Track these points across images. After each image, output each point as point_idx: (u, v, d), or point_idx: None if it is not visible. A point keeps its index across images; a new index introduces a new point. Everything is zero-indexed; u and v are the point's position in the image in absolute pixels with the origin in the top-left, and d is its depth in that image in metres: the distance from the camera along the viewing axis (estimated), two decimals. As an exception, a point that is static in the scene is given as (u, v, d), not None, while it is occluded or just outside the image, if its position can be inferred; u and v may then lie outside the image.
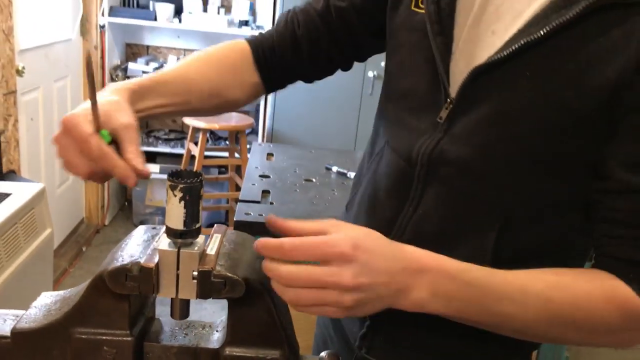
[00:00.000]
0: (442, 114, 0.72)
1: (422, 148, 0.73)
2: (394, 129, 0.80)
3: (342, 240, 0.58)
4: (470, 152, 0.70)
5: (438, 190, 0.73)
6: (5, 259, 1.58)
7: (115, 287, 0.57)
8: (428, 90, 0.74)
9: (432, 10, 0.72)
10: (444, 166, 0.72)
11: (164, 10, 3.50)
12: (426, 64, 0.74)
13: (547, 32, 0.63)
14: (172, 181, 0.55)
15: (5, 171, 2.32)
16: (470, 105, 0.70)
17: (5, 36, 2.29)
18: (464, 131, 0.70)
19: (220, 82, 0.87)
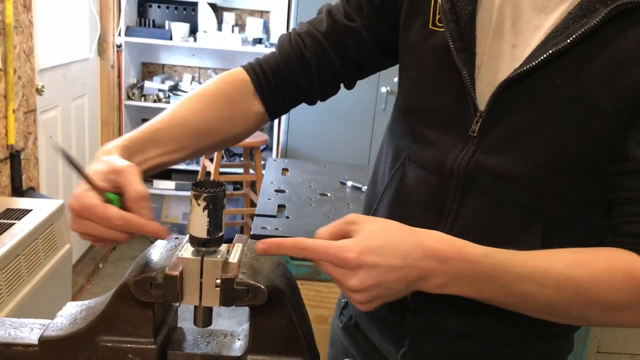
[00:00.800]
0: (474, 128, 0.74)
1: (457, 161, 0.75)
2: (416, 145, 0.81)
3: (351, 247, 0.60)
4: (507, 160, 0.72)
5: (478, 201, 0.75)
6: (26, 274, 1.60)
7: (140, 295, 0.58)
8: (453, 106, 0.76)
9: (452, 28, 0.74)
10: (482, 176, 0.73)
11: (179, 29, 3.55)
12: (449, 80, 0.75)
13: (573, 41, 0.66)
14: (196, 190, 0.56)
15: (25, 188, 2.36)
16: (501, 117, 0.72)
17: (26, 56, 2.34)
18: (498, 142, 0.72)
19: (218, 119, 0.85)
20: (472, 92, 0.73)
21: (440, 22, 0.75)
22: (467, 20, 0.73)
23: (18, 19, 2.24)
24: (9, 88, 2.20)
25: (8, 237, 1.56)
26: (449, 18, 0.74)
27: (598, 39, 0.66)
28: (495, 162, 0.72)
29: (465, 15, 0.73)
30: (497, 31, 0.73)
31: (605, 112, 0.67)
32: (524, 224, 0.73)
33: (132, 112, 3.81)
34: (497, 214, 0.74)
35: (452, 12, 0.74)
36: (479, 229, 0.74)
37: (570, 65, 0.67)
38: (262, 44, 3.66)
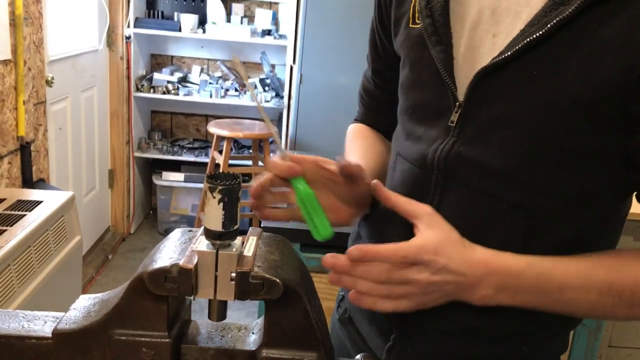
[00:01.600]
0: (452, 118, 0.73)
1: (437, 152, 0.75)
2: (405, 142, 0.82)
3: (425, 249, 0.66)
4: (487, 152, 0.71)
5: (457, 193, 0.74)
6: (37, 265, 1.60)
7: (154, 288, 0.57)
8: (435, 99, 0.76)
9: (428, 23, 0.75)
10: (462, 167, 0.73)
11: (188, 20, 3.54)
12: (430, 74, 0.76)
13: (549, 29, 0.64)
14: (211, 183, 0.56)
15: (35, 180, 2.36)
16: (480, 107, 0.71)
17: (36, 48, 2.34)
18: (477, 132, 0.72)
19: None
20: (450, 83, 0.73)
21: (418, 19, 0.77)
22: (440, 12, 0.74)
23: (28, 11, 2.24)
24: (19, 79, 2.20)
25: (19, 229, 1.56)
26: (425, 14, 0.75)
27: (576, 28, 0.64)
28: (475, 154, 0.72)
29: (438, 8, 0.74)
30: (476, 21, 0.73)
31: (583, 104, 0.65)
32: (504, 218, 0.72)
33: (141, 104, 3.81)
34: (477, 206, 0.73)
35: (427, 7, 0.75)
36: (460, 221, 0.73)
37: (547, 55, 0.66)
38: (271, 35, 3.65)
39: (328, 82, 3.33)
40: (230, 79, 3.85)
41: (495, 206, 0.72)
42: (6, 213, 1.67)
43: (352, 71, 3.33)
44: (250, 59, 3.94)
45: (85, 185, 3.23)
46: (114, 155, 3.59)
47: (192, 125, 4.10)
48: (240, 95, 3.72)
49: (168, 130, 4.10)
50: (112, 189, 3.65)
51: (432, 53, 0.74)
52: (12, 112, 2.20)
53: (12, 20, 2.14)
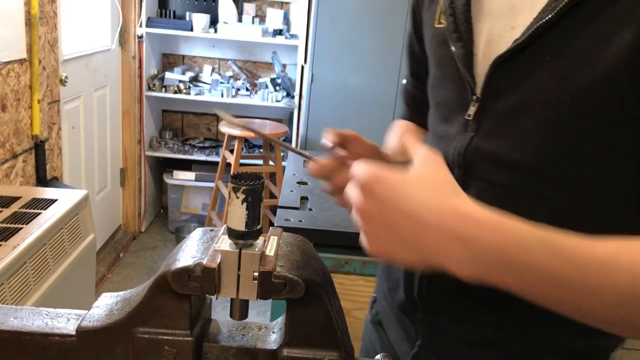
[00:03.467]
0: (470, 111, 0.73)
1: (456, 149, 0.75)
2: (431, 142, 0.82)
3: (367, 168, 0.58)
4: (505, 144, 0.70)
5: (478, 190, 0.73)
6: (52, 263, 1.62)
7: (178, 287, 0.58)
8: (455, 96, 0.77)
9: (450, 21, 0.76)
10: (480, 162, 0.72)
11: (199, 20, 3.55)
12: (452, 71, 0.76)
13: (558, 12, 0.64)
14: (235, 183, 0.56)
15: (49, 178, 2.38)
16: (496, 98, 0.71)
17: (50, 47, 2.36)
18: (495, 124, 0.71)
19: None
20: (467, 77, 0.73)
21: (442, 19, 0.78)
22: (462, 10, 0.75)
23: (43, 10, 2.25)
24: (34, 78, 2.21)
25: (35, 227, 1.58)
26: (448, 13, 0.76)
27: (585, 10, 0.63)
28: (493, 147, 0.71)
29: (460, 6, 0.75)
30: (496, 16, 0.73)
31: (597, 88, 0.63)
32: (528, 213, 0.62)
33: (153, 103, 3.82)
34: (499, 202, 0.66)
35: (450, 7, 0.76)
36: None
37: (557, 40, 0.65)
38: (283, 35, 3.66)
39: (339, 82, 3.33)
40: (242, 79, 3.86)
41: (515, 200, 0.69)
42: (22, 211, 1.68)
43: (363, 71, 3.33)
44: (262, 59, 3.95)
45: (97, 183, 3.25)
46: (126, 154, 3.61)
47: (203, 124, 4.11)
48: (251, 95, 3.73)
49: (179, 129, 4.11)
50: (123, 187, 3.66)
51: (453, 50, 0.75)
52: (27, 111, 2.22)
53: (27, 20, 2.15)
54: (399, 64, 3.30)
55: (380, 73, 3.31)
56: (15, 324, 0.63)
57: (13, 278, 1.41)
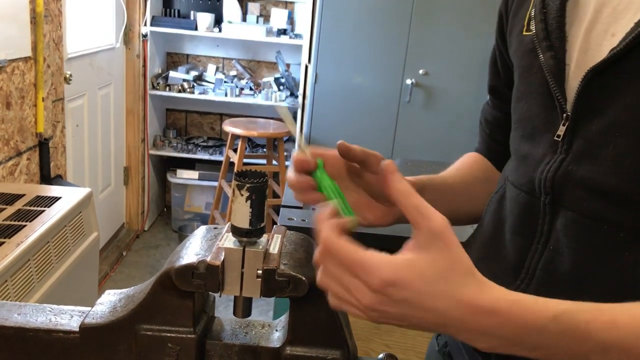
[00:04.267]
0: (560, 131, 0.65)
1: (544, 173, 0.66)
2: (512, 162, 0.75)
3: (379, 272, 0.51)
4: (598, 169, 0.61)
5: (566, 221, 0.65)
6: (56, 261, 1.62)
7: (181, 284, 0.58)
8: (542, 112, 0.68)
9: (540, 28, 0.68)
10: (571, 189, 0.64)
11: (204, 19, 3.56)
12: (539, 84, 0.68)
13: None
14: (239, 181, 0.56)
15: (53, 176, 2.38)
16: (590, 116, 0.62)
17: (55, 45, 2.36)
18: (588, 146, 0.63)
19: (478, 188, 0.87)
20: (557, 92, 0.65)
21: (531, 25, 0.70)
22: (554, 15, 0.67)
23: (48, 8, 2.26)
24: (38, 77, 2.22)
25: (39, 224, 1.58)
26: (539, 19, 0.68)
27: None
28: (585, 172, 0.62)
29: (553, 11, 0.67)
30: (592, 21, 0.64)
31: None
32: (622, 248, 0.60)
33: (157, 102, 3.83)
34: (589, 235, 0.63)
35: (542, 12, 0.68)
36: (571, 254, 0.64)
37: None
38: (287, 34, 3.66)
39: (343, 82, 3.33)
40: (245, 78, 3.86)
41: (609, 234, 0.61)
42: (26, 209, 1.68)
43: (367, 71, 3.33)
44: (266, 58, 3.95)
45: (101, 182, 3.25)
46: (129, 153, 3.62)
47: (206, 123, 4.12)
48: (255, 94, 3.73)
49: (183, 128, 4.12)
50: (127, 186, 3.67)
51: (542, 60, 0.67)
52: (31, 109, 2.22)
53: (32, 18, 2.16)
54: (402, 63, 3.30)
55: (384, 73, 3.31)
56: (19, 320, 0.63)
57: (17, 275, 1.42)
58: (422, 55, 3.29)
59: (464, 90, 3.33)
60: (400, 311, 0.52)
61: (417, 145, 3.39)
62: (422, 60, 3.30)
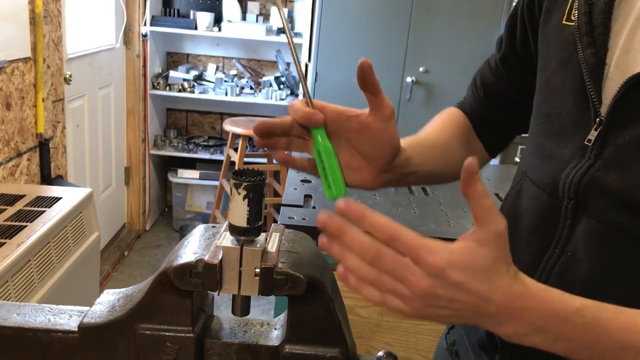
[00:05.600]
0: (591, 136, 0.63)
1: (569, 177, 0.64)
2: (534, 158, 0.73)
3: (440, 252, 0.52)
4: (626, 180, 0.59)
5: (588, 227, 0.63)
6: (56, 261, 1.62)
7: (179, 283, 0.58)
8: (574, 111, 0.66)
9: (583, 20, 0.64)
10: (596, 197, 0.62)
11: (204, 19, 3.56)
12: (574, 81, 0.65)
13: None
14: (237, 179, 0.56)
15: (54, 176, 2.39)
16: (625, 124, 0.60)
17: (54, 45, 2.36)
18: (619, 155, 0.60)
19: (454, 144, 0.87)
20: (592, 93, 0.62)
21: (574, 15, 0.65)
22: (602, 9, 0.63)
23: (47, 9, 2.26)
24: (38, 77, 2.22)
25: (39, 225, 1.58)
26: (583, 10, 0.64)
27: None
28: (612, 181, 0.61)
29: (601, 4, 0.63)
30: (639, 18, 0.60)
31: None
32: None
33: (157, 102, 3.83)
34: (609, 244, 0.62)
35: (587, 3, 0.64)
36: (589, 262, 0.63)
37: None
38: (287, 33, 3.65)
39: (343, 80, 3.33)
40: (245, 77, 3.86)
41: (631, 246, 0.60)
42: (26, 209, 1.69)
43: (368, 69, 3.32)
44: (266, 57, 3.95)
45: (102, 182, 3.26)
46: (130, 153, 3.62)
47: (207, 123, 4.12)
48: (255, 93, 3.73)
49: (183, 127, 4.12)
50: (128, 186, 3.67)
51: (581, 56, 0.63)
52: (31, 110, 2.22)
53: (32, 19, 2.16)
54: (402, 62, 3.29)
55: (384, 71, 3.31)
56: (18, 320, 0.63)
57: (17, 276, 1.42)
58: (422, 53, 3.29)
59: (464, 88, 3.30)
60: (450, 295, 0.53)
61: (418, 143, 3.38)
62: (422, 58, 3.30)
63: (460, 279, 0.52)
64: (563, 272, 0.66)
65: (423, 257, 0.52)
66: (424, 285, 0.52)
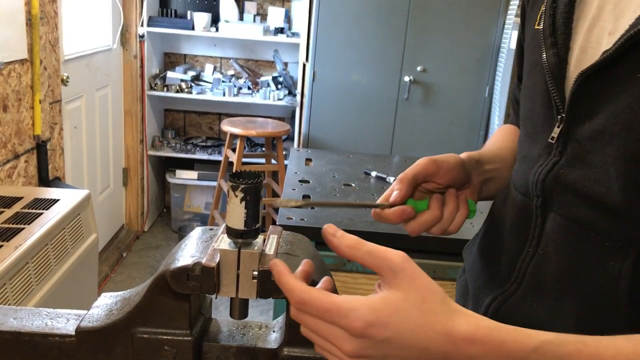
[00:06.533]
0: (554, 133, 0.64)
1: (536, 175, 0.66)
2: (517, 162, 0.75)
3: (357, 313, 0.49)
4: (589, 174, 0.60)
5: (556, 224, 0.64)
6: (54, 263, 1.61)
7: (177, 286, 0.57)
8: (542, 111, 0.67)
9: (548, 24, 0.66)
10: (561, 194, 0.63)
11: (201, 19, 3.55)
12: (542, 82, 0.67)
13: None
14: (234, 182, 0.56)
15: (51, 178, 2.38)
16: (583, 121, 0.61)
17: (51, 47, 2.36)
18: (580, 150, 0.61)
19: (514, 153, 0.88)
20: (553, 91, 0.64)
21: (542, 19, 0.68)
22: (562, 10, 0.65)
23: (44, 10, 2.25)
24: (35, 79, 2.21)
25: (37, 227, 1.57)
26: (549, 13, 0.66)
27: None
28: (576, 176, 0.61)
29: (563, 5, 0.65)
30: (596, 17, 0.61)
31: None
32: (606, 256, 0.59)
33: (155, 102, 3.82)
34: (576, 241, 0.62)
35: (552, 7, 0.66)
36: (560, 260, 0.63)
37: None
38: (284, 33, 3.65)
39: (341, 80, 3.33)
40: (243, 77, 3.86)
41: (595, 241, 0.60)
42: (24, 211, 1.68)
43: (365, 68, 3.33)
44: (263, 57, 3.95)
45: (100, 183, 3.25)
46: (128, 154, 3.61)
47: (205, 123, 4.11)
48: (253, 93, 3.72)
49: (181, 128, 4.11)
50: (126, 187, 3.67)
51: (544, 57, 0.66)
52: (28, 111, 2.22)
53: (28, 20, 2.15)
54: (400, 61, 3.29)
55: (382, 70, 3.31)
56: (14, 324, 0.63)
57: (15, 278, 1.41)
58: (420, 52, 3.28)
59: (462, 87, 3.33)
60: (383, 352, 0.50)
61: (416, 142, 3.38)
62: (420, 57, 3.29)
63: (387, 334, 0.49)
64: (536, 271, 0.66)
65: (337, 321, 0.50)
66: (351, 348, 0.50)
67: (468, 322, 0.50)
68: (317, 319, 0.51)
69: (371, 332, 0.49)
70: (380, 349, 0.50)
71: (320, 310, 0.51)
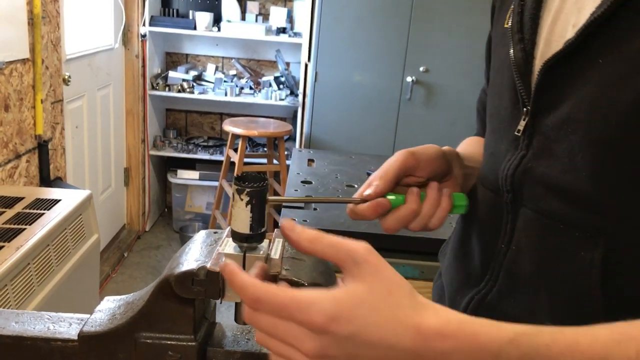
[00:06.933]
0: (520, 126, 0.64)
1: (504, 171, 0.66)
2: (484, 160, 0.75)
3: (318, 307, 0.45)
4: (555, 166, 0.60)
5: (526, 219, 0.64)
6: (56, 264, 1.61)
7: (181, 291, 0.57)
8: (509, 106, 0.67)
9: (516, 20, 0.66)
10: (530, 187, 0.63)
11: (203, 19, 3.54)
12: (509, 78, 0.67)
13: (608, 9, 0.54)
14: (239, 185, 0.55)
15: (53, 178, 2.37)
16: (548, 112, 0.61)
17: (53, 46, 2.35)
18: (546, 141, 0.61)
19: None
20: (519, 85, 0.64)
21: (510, 18, 0.69)
22: (530, 7, 0.65)
23: (46, 9, 2.25)
24: (37, 78, 2.21)
25: (38, 227, 1.57)
26: (517, 11, 0.67)
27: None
28: (544, 168, 0.61)
29: (530, 2, 0.66)
30: (559, 11, 0.62)
31: None
32: (577, 248, 0.58)
33: (157, 102, 3.82)
34: (547, 234, 0.61)
35: (520, 4, 0.67)
36: (532, 255, 0.63)
37: (611, 40, 0.55)
38: (286, 33, 3.64)
39: (343, 80, 3.32)
40: (245, 77, 3.85)
41: (565, 233, 0.60)
42: (25, 212, 1.67)
43: (367, 69, 3.32)
44: (265, 57, 3.94)
45: (101, 183, 3.24)
46: (130, 154, 3.61)
47: (206, 123, 4.11)
48: (254, 93, 3.72)
49: (183, 128, 4.11)
50: (127, 187, 3.66)
51: (511, 53, 0.66)
52: (30, 111, 2.21)
53: (30, 19, 2.15)
54: (402, 61, 3.28)
55: (384, 71, 3.30)
56: (16, 328, 0.62)
57: (17, 279, 1.41)
58: (423, 53, 3.28)
59: (464, 87, 3.32)
60: (347, 351, 0.46)
61: (418, 143, 3.33)
62: (423, 58, 3.29)
63: (352, 329, 0.45)
64: (510, 267, 0.66)
65: (297, 317, 0.45)
66: (312, 348, 0.46)
67: (438, 316, 0.47)
68: (274, 318, 0.47)
69: (334, 327, 0.45)
70: (345, 347, 0.46)
71: (277, 306, 0.46)
